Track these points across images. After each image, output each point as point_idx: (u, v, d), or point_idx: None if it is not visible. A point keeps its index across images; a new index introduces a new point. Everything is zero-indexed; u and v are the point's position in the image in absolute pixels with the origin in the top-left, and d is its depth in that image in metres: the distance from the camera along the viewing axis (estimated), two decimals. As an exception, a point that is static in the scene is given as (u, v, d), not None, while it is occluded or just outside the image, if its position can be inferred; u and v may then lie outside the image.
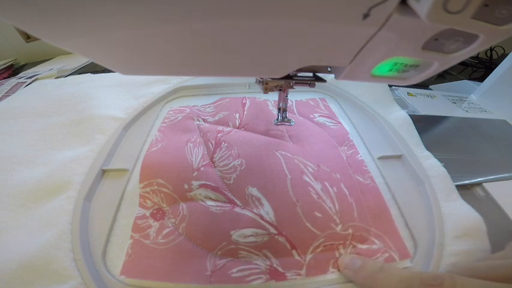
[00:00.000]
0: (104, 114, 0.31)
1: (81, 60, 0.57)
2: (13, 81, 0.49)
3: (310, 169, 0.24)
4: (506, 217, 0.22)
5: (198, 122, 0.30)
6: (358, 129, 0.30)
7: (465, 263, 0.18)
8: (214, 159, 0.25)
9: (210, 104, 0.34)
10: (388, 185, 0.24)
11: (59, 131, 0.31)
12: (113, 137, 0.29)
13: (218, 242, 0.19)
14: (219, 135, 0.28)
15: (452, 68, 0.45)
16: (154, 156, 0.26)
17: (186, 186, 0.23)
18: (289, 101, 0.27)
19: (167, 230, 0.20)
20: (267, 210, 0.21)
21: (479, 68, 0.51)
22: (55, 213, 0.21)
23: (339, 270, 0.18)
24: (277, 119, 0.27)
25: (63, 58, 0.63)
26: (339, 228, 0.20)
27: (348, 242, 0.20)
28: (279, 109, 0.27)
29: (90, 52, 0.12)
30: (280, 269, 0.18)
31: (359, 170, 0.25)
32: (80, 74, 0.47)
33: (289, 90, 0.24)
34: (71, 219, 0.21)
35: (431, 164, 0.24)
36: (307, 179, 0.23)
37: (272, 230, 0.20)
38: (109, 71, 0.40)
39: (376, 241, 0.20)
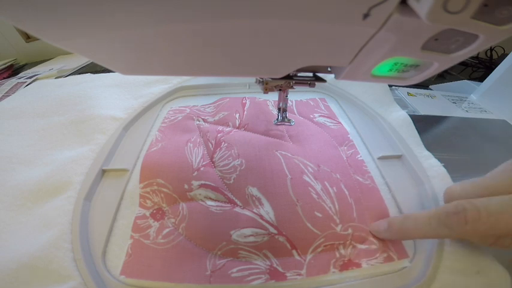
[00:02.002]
0: (104, 114, 0.31)
1: (81, 60, 0.57)
2: (13, 81, 0.49)
3: (310, 169, 0.24)
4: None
5: (198, 122, 0.30)
6: (358, 129, 0.30)
7: (462, 185, 0.19)
8: (214, 159, 0.25)
9: (210, 104, 0.34)
10: (388, 185, 0.24)
11: (59, 131, 0.31)
12: (113, 137, 0.29)
13: (218, 242, 0.19)
14: (219, 135, 0.28)
15: (452, 68, 0.45)
16: (154, 156, 0.26)
17: (186, 186, 0.23)
18: (289, 101, 0.27)
19: (167, 230, 0.20)
20: (267, 210, 0.21)
21: (479, 68, 0.51)
22: (55, 213, 0.21)
23: (339, 271, 0.18)
24: (277, 119, 0.27)
25: (63, 58, 0.63)
26: (338, 228, 0.20)
27: (348, 242, 0.20)
28: (279, 109, 0.27)
29: (90, 52, 0.12)
30: (280, 269, 0.18)
31: (359, 170, 0.25)
32: (80, 74, 0.47)
33: (289, 90, 0.23)
34: (71, 219, 0.21)
35: (431, 164, 0.24)
36: (307, 179, 0.23)
37: (272, 230, 0.20)
38: (109, 71, 0.40)
39: (375, 241, 0.20)
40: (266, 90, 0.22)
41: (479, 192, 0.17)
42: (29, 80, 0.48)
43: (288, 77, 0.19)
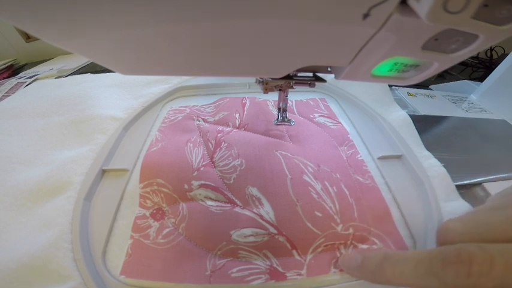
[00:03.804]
0: (104, 114, 0.31)
1: (81, 60, 0.57)
2: (13, 81, 0.49)
3: (310, 169, 0.24)
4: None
5: (198, 122, 0.30)
6: (358, 129, 0.30)
7: (461, 220, 0.15)
8: (214, 159, 0.25)
9: (210, 104, 0.34)
10: (388, 185, 0.24)
11: (59, 131, 0.31)
12: (113, 137, 0.29)
13: (218, 242, 0.19)
14: (219, 135, 0.28)
15: (452, 68, 0.45)
16: (154, 156, 0.26)
17: (186, 186, 0.23)
18: (289, 101, 0.27)
19: (167, 230, 0.20)
20: (267, 210, 0.21)
21: (479, 68, 0.51)
22: (55, 213, 0.21)
23: (340, 270, 0.18)
24: (277, 119, 0.27)
25: (63, 58, 0.63)
26: (339, 228, 0.20)
27: (349, 242, 0.20)
28: (279, 109, 0.27)
29: (90, 52, 0.12)
30: (280, 269, 0.18)
31: (359, 170, 0.25)
32: (80, 74, 0.47)
33: (289, 90, 0.24)
34: (71, 219, 0.21)
35: (431, 164, 0.24)
36: (307, 178, 0.23)
37: (272, 230, 0.20)
38: (109, 71, 0.40)
39: (376, 241, 0.20)
40: (266, 90, 0.22)
41: (491, 235, 0.13)
42: (29, 80, 0.48)
43: (288, 77, 0.19)
